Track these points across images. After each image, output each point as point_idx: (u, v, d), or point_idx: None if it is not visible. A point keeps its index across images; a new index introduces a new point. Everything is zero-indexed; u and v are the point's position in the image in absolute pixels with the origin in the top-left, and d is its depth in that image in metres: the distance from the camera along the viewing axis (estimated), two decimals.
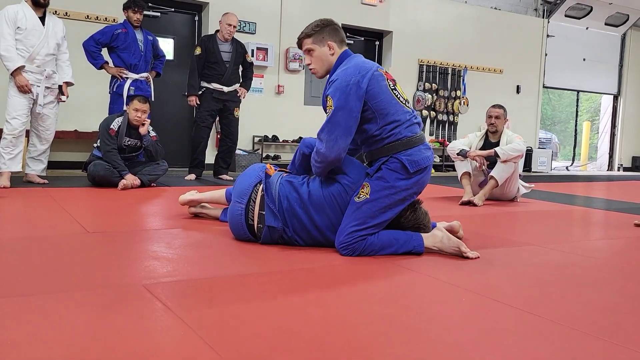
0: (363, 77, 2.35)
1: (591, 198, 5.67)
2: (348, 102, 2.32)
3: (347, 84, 2.33)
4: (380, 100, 2.37)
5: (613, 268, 2.44)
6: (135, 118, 4.60)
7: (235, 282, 1.93)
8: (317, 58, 2.51)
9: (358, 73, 2.36)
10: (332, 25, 2.54)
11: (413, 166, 2.37)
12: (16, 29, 4.35)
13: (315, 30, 2.50)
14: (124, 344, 1.33)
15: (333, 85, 2.38)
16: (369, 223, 2.37)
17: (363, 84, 2.34)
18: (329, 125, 2.36)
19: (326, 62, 2.51)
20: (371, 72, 2.38)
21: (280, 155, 7.75)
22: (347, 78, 2.35)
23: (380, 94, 2.37)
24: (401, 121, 2.40)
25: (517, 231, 3.41)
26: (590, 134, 12.48)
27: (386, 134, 2.39)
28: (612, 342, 1.48)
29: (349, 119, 2.34)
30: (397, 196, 2.39)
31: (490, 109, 4.66)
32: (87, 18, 6.41)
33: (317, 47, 2.50)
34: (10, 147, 4.42)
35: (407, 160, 2.37)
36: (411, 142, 2.40)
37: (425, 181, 2.48)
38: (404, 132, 2.40)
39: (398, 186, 2.38)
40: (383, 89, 2.39)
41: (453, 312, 1.71)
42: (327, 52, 2.50)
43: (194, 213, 3.27)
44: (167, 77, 6.67)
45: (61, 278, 1.89)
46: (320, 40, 2.50)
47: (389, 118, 2.38)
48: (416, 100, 8.97)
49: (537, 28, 10.03)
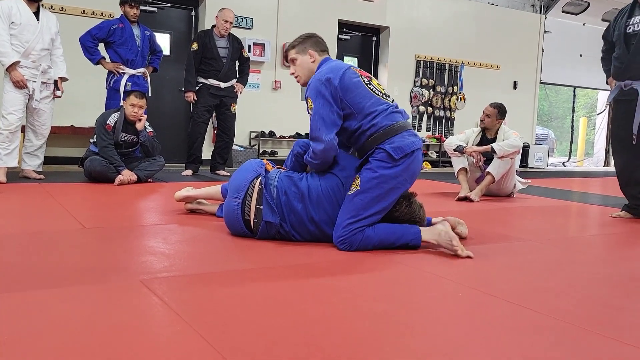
0: (335, 75, 2.47)
1: (587, 194, 5.69)
2: (325, 97, 2.44)
3: (321, 83, 2.46)
4: (355, 95, 2.46)
5: (609, 263, 2.45)
6: (131, 113, 4.59)
7: (232, 278, 1.93)
8: (300, 66, 2.67)
9: (330, 72, 2.49)
10: (315, 37, 2.70)
11: (398, 153, 2.41)
12: (10, 24, 4.33)
13: (299, 41, 2.69)
14: (121, 339, 1.33)
15: (309, 87, 2.52)
16: (363, 214, 2.38)
17: (335, 80, 2.45)
18: (314, 123, 2.47)
19: (307, 69, 2.65)
20: (343, 70, 2.50)
21: (277, 151, 7.75)
22: (321, 77, 2.48)
23: (354, 89, 2.47)
24: (379, 111, 2.47)
25: (513, 227, 3.42)
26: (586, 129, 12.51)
27: (367, 126, 2.45)
28: (608, 337, 1.49)
29: (331, 112, 2.45)
30: (387, 185, 2.40)
31: (486, 106, 4.66)
32: (83, 13, 6.39)
33: (300, 56, 2.66)
34: (6, 142, 4.41)
35: (391, 148, 2.41)
36: (393, 130, 2.45)
37: (415, 168, 2.48)
38: (384, 121, 2.45)
39: (386, 175, 2.40)
40: (356, 84, 2.48)
41: (450, 308, 1.71)
42: (308, 60, 2.65)
43: (190, 209, 3.27)
44: (163, 73, 6.65)
45: (57, 273, 1.88)
46: (303, 50, 2.66)
47: (366, 110, 2.46)
48: (413, 96, 8.97)
49: (534, 24, 10.03)
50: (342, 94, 2.44)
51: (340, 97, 2.44)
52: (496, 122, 4.60)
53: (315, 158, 2.49)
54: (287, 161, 2.82)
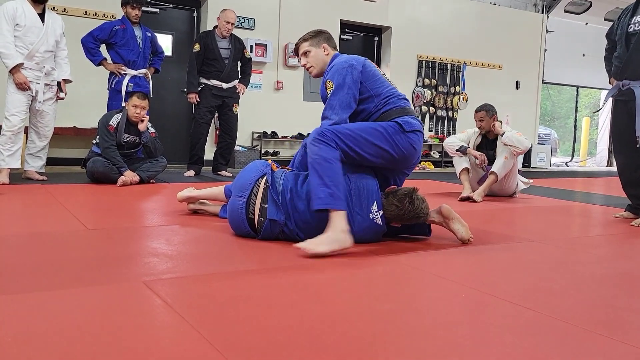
0: (358, 62, 2.66)
1: (590, 194, 5.67)
2: (346, 80, 2.58)
3: (344, 67, 2.61)
4: (375, 81, 2.66)
5: (612, 264, 2.45)
6: (134, 114, 4.59)
7: (235, 279, 1.93)
8: (313, 58, 2.77)
9: (353, 59, 2.67)
10: (327, 33, 2.85)
11: (407, 126, 2.59)
12: (15, 25, 4.33)
13: (312, 35, 2.80)
14: (124, 340, 1.33)
15: (331, 71, 2.64)
16: (351, 128, 2.50)
17: (358, 66, 2.63)
18: (331, 102, 2.59)
19: (321, 61, 2.77)
20: (364, 60, 2.70)
21: (279, 151, 7.75)
22: (344, 63, 2.63)
23: (373, 76, 2.67)
24: (393, 95, 2.68)
25: (516, 227, 3.41)
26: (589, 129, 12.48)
27: (382, 106, 2.65)
28: (610, 338, 1.48)
29: (348, 95, 2.58)
30: (387, 138, 2.53)
31: (474, 113, 4.65)
32: (85, 14, 6.40)
33: (313, 48, 2.77)
34: (9, 143, 4.42)
35: (402, 121, 2.59)
36: (405, 111, 2.66)
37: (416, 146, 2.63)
38: (398, 102, 2.67)
39: (390, 134, 2.55)
40: (375, 73, 2.70)
41: (452, 308, 1.71)
42: (322, 53, 2.77)
43: (193, 209, 3.27)
44: (165, 74, 6.66)
45: (60, 275, 1.89)
46: (317, 43, 2.77)
47: (383, 95, 2.66)
48: (415, 96, 8.96)
49: (536, 23, 10.01)
50: (363, 78, 2.62)
51: (361, 81, 2.61)
52: (491, 120, 4.57)
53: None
54: (293, 160, 2.85)
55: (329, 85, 2.61)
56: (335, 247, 2.27)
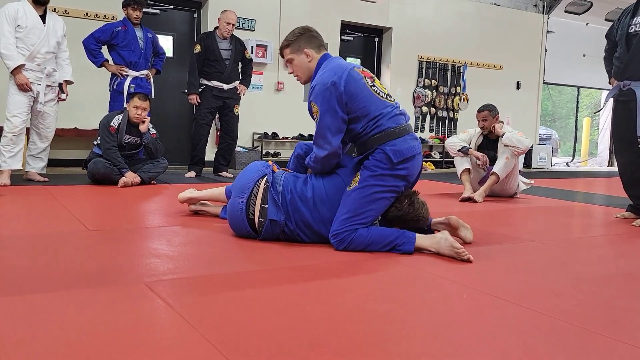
0: (340, 78, 2.41)
1: (591, 194, 5.67)
2: (331, 104, 2.41)
3: (326, 88, 2.41)
4: (360, 99, 2.43)
5: (613, 264, 2.45)
6: (135, 116, 4.60)
7: (236, 279, 1.93)
8: (297, 66, 2.61)
9: (334, 74, 2.43)
10: (308, 32, 2.61)
11: (397, 156, 2.41)
12: (16, 27, 4.34)
13: (291, 40, 2.59)
14: (126, 342, 1.33)
15: (314, 92, 2.46)
16: (359, 211, 2.39)
17: (340, 85, 2.40)
18: (320, 130, 2.46)
19: (306, 69, 2.60)
20: (347, 72, 2.44)
21: (280, 152, 7.75)
22: (325, 81, 2.42)
23: (359, 93, 2.44)
24: (384, 114, 2.46)
25: (517, 227, 3.41)
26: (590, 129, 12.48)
27: (370, 129, 2.45)
28: (613, 338, 1.48)
29: (336, 119, 2.43)
30: (385, 182, 2.41)
31: (476, 113, 4.64)
32: (86, 15, 6.40)
33: (296, 56, 2.59)
34: (10, 145, 4.42)
35: (391, 151, 2.41)
36: (395, 132, 2.45)
37: (414, 171, 2.49)
38: (387, 124, 2.45)
39: (384, 175, 2.41)
40: (361, 87, 2.45)
41: (454, 309, 1.71)
42: (305, 60, 2.58)
43: (194, 210, 3.27)
44: (166, 75, 6.66)
45: (62, 276, 1.89)
46: (298, 49, 2.58)
47: (371, 114, 2.45)
48: (416, 97, 8.96)
49: (537, 24, 10.01)
50: (347, 98, 2.41)
51: (345, 102, 2.42)
52: (494, 120, 4.58)
53: (317, 163, 2.52)
54: (289, 163, 2.84)
55: (314, 109, 2.47)
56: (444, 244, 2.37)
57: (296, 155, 2.75)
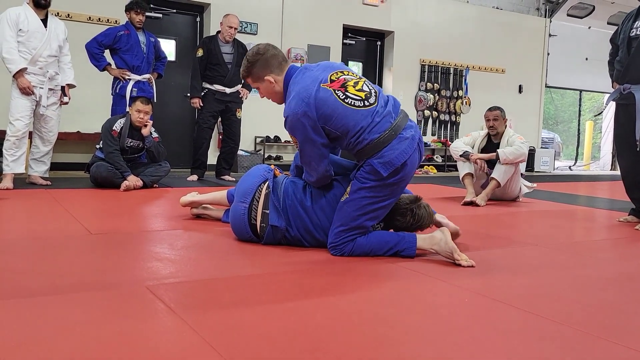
0: (308, 105, 2.28)
1: (594, 198, 5.66)
2: (306, 134, 2.31)
3: (298, 119, 2.29)
4: (336, 118, 2.30)
5: (617, 267, 2.44)
6: (137, 119, 4.61)
7: (238, 283, 1.93)
8: (265, 92, 2.51)
9: (302, 102, 2.29)
10: (261, 56, 2.43)
11: (386, 169, 2.30)
12: (18, 31, 4.35)
13: (248, 70, 2.46)
14: (127, 345, 1.33)
15: (287, 124, 2.35)
16: (352, 224, 2.36)
17: (311, 112, 2.27)
18: (304, 159, 2.44)
19: (274, 93, 2.49)
20: (313, 96, 2.29)
21: (282, 156, 7.76)
22: (295, 112, 2.29)
23: (332, 113, 2.30)
24: (364, 127, 2.31)
25: (519, 231, 3.40)
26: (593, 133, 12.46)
27: (354, 144, 2.34)
28: (616, 343, 1.48)
29: (315, 147, 2.35)
30: (377, 193, 2.34)
31: (487, 112, 4.64)
32: (89, 20, 6.43)
33: (259, 84, 2.47)
34: (13, 148, 4.43)
35: (379, 164, 2.30)
36: (380, 142, 2.30)
37: (408, 174, 2.38)
38: (369, 137, 2.31)
39: (374, 187, 2.34)
40: (332, 106, 2.30)
41: (456, 313, 1.71)
42: (270, 86, 2.46)
43: (196, 214, 3.27)
44: (169, 79, 6.68)
45: (64, 279, 1.89)
46: (258, 78, 2.46)
47: (352, 131, 2.32)
48: (418, 101, 8.96)
49: (539, 27, 10.01)
50: (322, 122, 2.30)
51: (321, 126, 2.31)
52: (504, 122, 4.61)
53: (311, 182, 2.52)
54: (291, 168, 2.83)
55: (292, 139, 2.43)
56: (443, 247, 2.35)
57: (296, 165, 2.72)
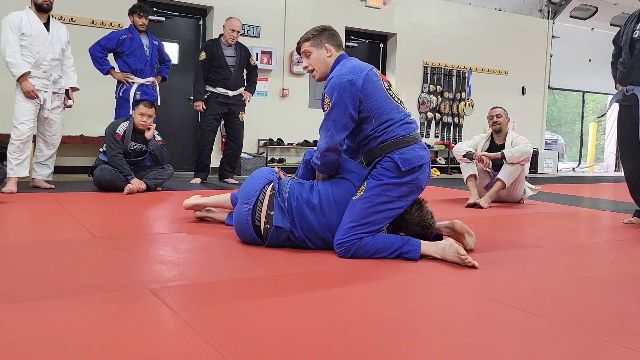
0: (358, 76, 2.41)
1: (598, 199, 5.64)
2: (343, 99, 2.39)
3: (342, 82, 2.40)
4: (376, 99, 2.42)
5: (621, 269, 2.43)
6: (141, 122, 4.62)
7: (241, 286, 1.93)
8: (315, 60, 2.59)
9: (353, 72, 2.43)
10: (331, 30, 2.62)
11: (405, 165, 2.39)
12: (21, 35, 4.37)
13: (313, 34, 2.59)
14: (131, 348, 1.33)
15: (329, 84, 2.45)
16: (363, 221, 2.37)
17: (358, 82, 2.40)
18: (326, 122, 2.45)
19: (324, 64, 2.59)
20: (366, 72, 2.45)
21: (285, 159, 7.76)
22: (343, 77, 2.41)
23: (375, 93, 2.43)
24: (395, 119, 2.44)
25: (523, 233, 3.40)
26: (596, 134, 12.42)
27: (379, 133, 2.43)
28: (620, 345, 1.47)
29: (344, 114, 2.41)
30: (391, 194, 2.39)
31: (490, 111, 4.67)
32: (92, 23, 6.45)
33: (315, 49, 2.58)
34: (17, 152, 4.44)
35: (400, 159, 2.39)
36: (404, 140, 2.43)
37: (422, 181, 2.46)
38: (397, 131, 2.43)
39: (391, 184, 2.39)
40: (378, 88, 2.45)
41: (460, 315, 1.70)
42: (325, 54, 2.57)
43: (199, 217, 3.28)
44: (172, 82, 6.69)
45: (68, 282, 1.89)
46: (318, 44, 2.58)
47: (383, 117, 2.43)
48: (421, 102, 8.96)
49: (542, 29, 10.00)
50: (362, 96, 2.40)
51: (360, 99, 2.40)
52: (507, 120, 4.62)
53: (319, 158, 2.51)
54: (298, 171, 2.83)
55: (326, 101, 2.45)
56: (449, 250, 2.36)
57: (305, 161, 2.73)
